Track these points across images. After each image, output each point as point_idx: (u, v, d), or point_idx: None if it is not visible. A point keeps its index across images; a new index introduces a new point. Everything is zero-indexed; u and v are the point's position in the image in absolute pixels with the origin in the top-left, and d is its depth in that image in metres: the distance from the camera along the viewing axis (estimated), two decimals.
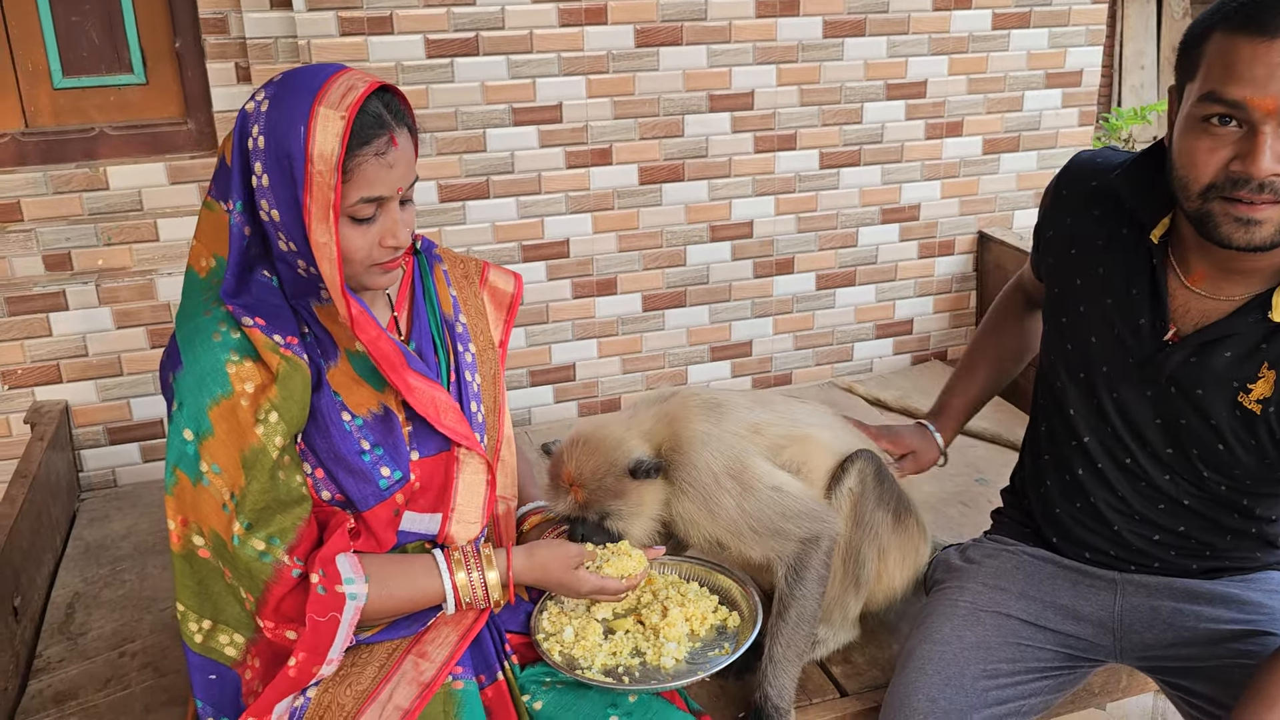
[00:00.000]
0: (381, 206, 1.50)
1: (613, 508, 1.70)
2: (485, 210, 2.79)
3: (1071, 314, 1.74)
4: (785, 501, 1.75)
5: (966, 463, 2.71)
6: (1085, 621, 1.79)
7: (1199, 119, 1.45)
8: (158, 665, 2.00)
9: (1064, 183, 1.80)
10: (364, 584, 1.53)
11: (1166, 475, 1.69)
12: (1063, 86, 3.19)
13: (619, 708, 1.61)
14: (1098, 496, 1.76)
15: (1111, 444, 1.72)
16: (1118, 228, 1.69)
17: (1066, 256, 1.76)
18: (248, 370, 1.49)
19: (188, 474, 1.48)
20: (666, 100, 2.84)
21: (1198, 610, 1.73)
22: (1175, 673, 1.74)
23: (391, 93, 1.51)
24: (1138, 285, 1.65)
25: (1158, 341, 1.63)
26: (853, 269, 3.18)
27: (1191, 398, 1.62)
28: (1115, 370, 1.69)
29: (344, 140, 1.41)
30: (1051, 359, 1.80)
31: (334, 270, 1.45)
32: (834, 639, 1.97)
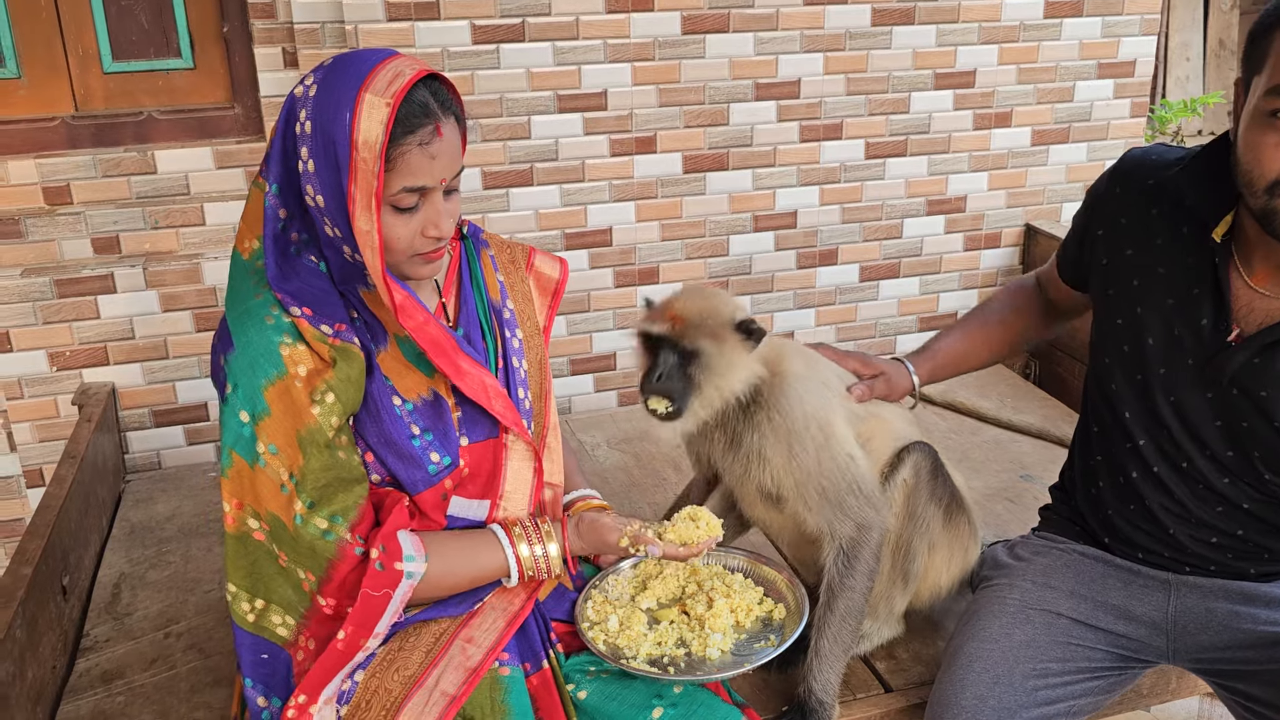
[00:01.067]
0: (425, 196, 1.49)
1: (705, 348, 1.66)
2: (529, 197, 2.78)
3: (1128, 315, 1.70)
4: (856, 474, 1.73)
5: (1011, 458, 2.68)
6: (1137, 622, 1.76)
7: (1266, 113, 1.41)
8: (202, 646, 2.01)
9: (1117, 181, 1.76)
10: (423, 562, 1.53)
11: (1225, 479, 1.65)
12: (1115, 77, 3.14)
13: (664, 698, 1.60)
14: (1152, 500, 1.72)
15: (1168, 447, 1.68)
16: (1178, 226, 1.65)
17: (1121, 257, 1.71)
18: (301, 353, 1.49)
19: (244, 456, 1.48)
20: (712, 88, 2.82)
21: (1254, 613, 1.69)
22: (1230, 675, 1.70)
23: (440, 81, 1.50)
24: (1199, 285, 1.61)
25: (1220, 342, 1.59)
26: (897, 261, 3.14)
27: (1255, 399, 1.58)
28: (1173, 373, 1.65)
29: (388, 128, 1.40)
30: (1106, 361, 1.76)
31: (376, 258, 1.44)
32: (878, 634, 1.95)
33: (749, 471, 1.75)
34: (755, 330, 1.69)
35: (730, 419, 1.75)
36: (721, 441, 1.78)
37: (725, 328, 1.68)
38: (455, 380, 1.58)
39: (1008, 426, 2.80)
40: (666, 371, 1.67)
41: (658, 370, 1.67)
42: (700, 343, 1.66)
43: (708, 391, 1.67)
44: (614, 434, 2.85)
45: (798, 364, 1.76)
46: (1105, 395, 1.76)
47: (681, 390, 1.67)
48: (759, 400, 1.72)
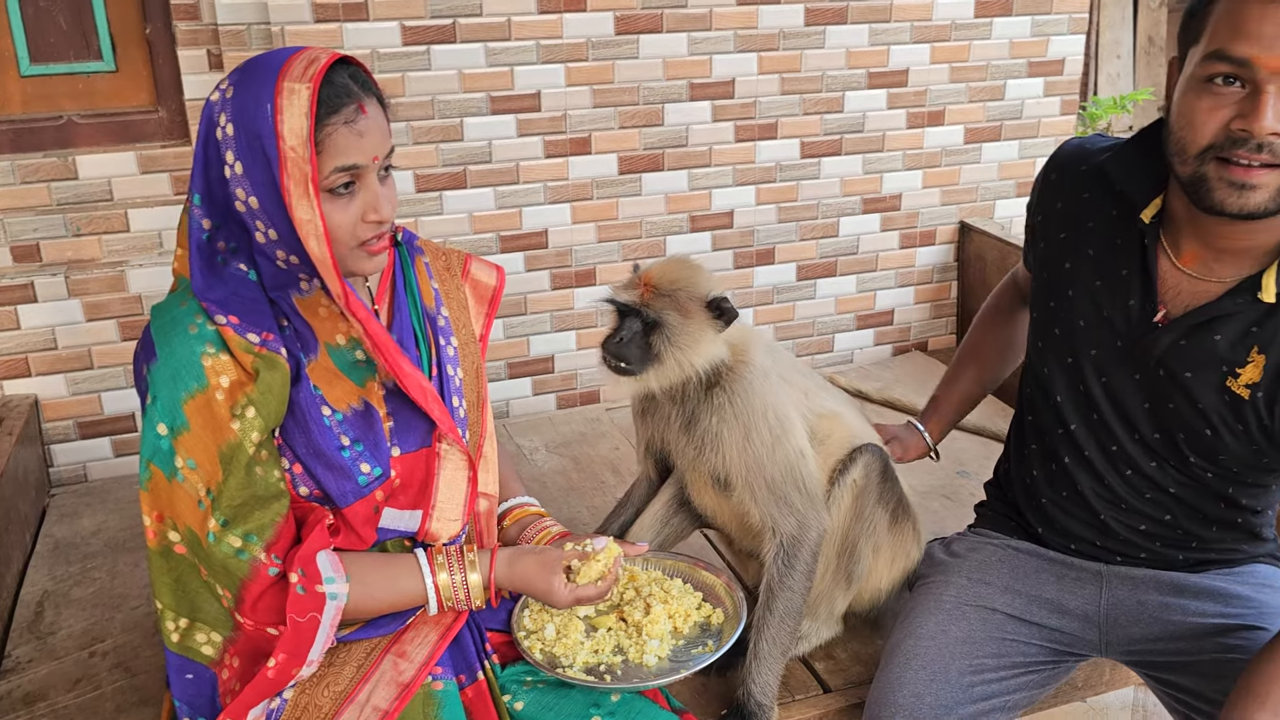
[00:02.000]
0: (359, 178, 1.46)
1: (670, 320, 1.66)
2: (463, 200, 2.75)
3: (1060, 298, 1.73)
4: (804, 471, 1.74)
5: (949, 456, 2.69)
6: (1070, 615, 1.78)
7: (1202, 79, 1.44)
8: (129, 665, 1.96)
9: (1053, 168, 1.79)
10: (345, 583, 1.50)
11: (1153, 462, 1.68)
12: (1045, 75, 3.18)
13: (601, 707, 1.59)
14: (1084, 485, 1.75)
15: (1099, 430, 1.71)
16: (1108, 210, 1.68)
17: (1056, 240, 1.74)
18: (224, 364, 1.45)
19: (162, 469, 1.44)
20: (646, 89, 2.81)
21: (1183, 604, 1.72)
22: (1160, 667, 1.73)
23: (355, 65, 1.48)
24: (1128, 266, 1.64)
25: (1147, 324, 1.62)
26: (833, 259, 3.16)
27: (1180, 381, 1.60)
28: (1104, 354, 1.67)
29: (312, 110, 1.39)
30: (1039, 345, 1.78)
31: (323, 246, 1.42)
32: (818, 634, 1.96)
33: (702, 454, 1.75)
34: (727, 310, 1.69)
35: (689, 398, 1.75)
36: (678, 421, 1.78)
37: (695, 303, 1.68)
38: (399, 379, 1.55)
39: None
40: (628, 337, 1.67)
41: (619, 334, 1.67)
42: (665, 314, 1.66)
43: (667, 362, 1.68)
44: (553, 438, 2.83)
45: (763, 356, 1.77)
46: (1039, 380, 1.79)
47: (639, 357, 1.68)
48: (720, 383, 1.72)
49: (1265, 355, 1.54)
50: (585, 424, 2.90)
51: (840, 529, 1.82)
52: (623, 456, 2.71)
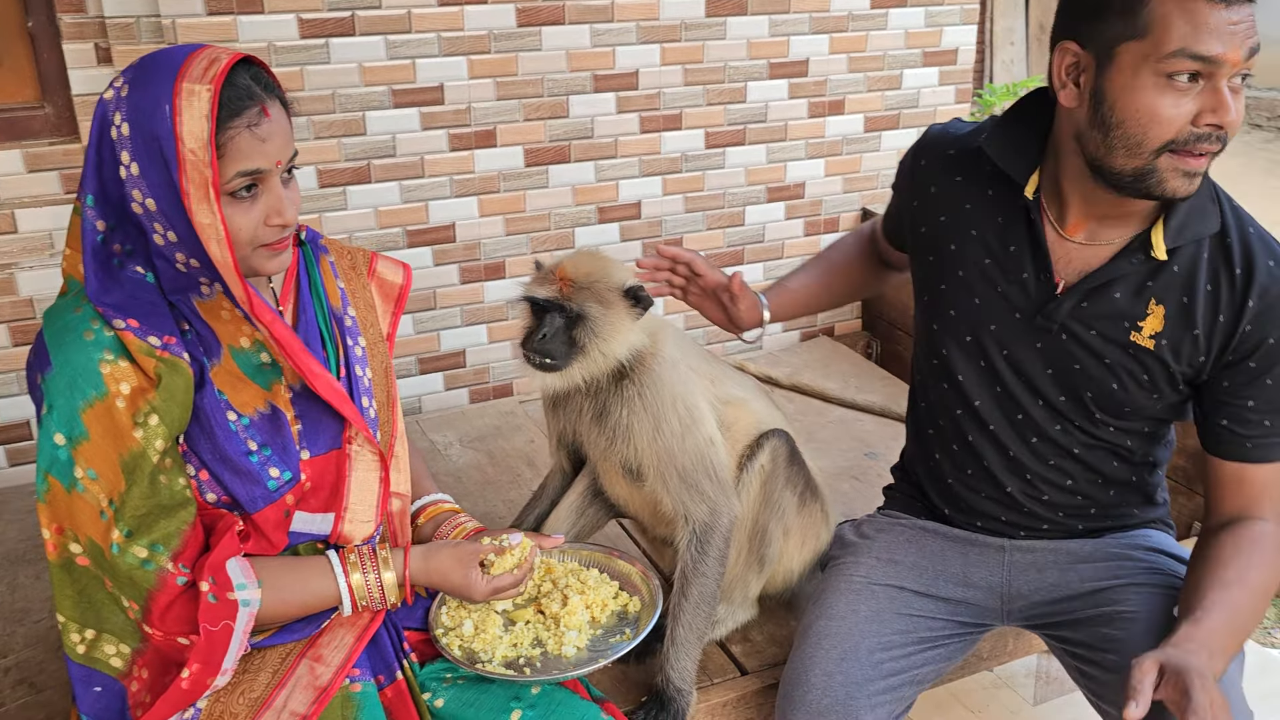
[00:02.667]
0: (262, 182, 1.44)
1: (592, 312, 1.68)
2: (367, 195, 2.72)
3: (950, 279, 1.78)
4: (713, 459, 1.77)
5: (855, 437, 2.77)
6: (975, 587, 1.85)
7: (1164, 75, 1.44)
8: (33, 681, 1.90)
9: (920, 154, 1.84)
10: (256, 589, 1.48)
11: (1058, 425, 1.75)
12: (939, 65, 3.27)
13: (522, 700, 1.60)
14: (990, 459, 1.81)
15: (1004, 401, 1.77)
16: (984, 189, 1.73)
17: (936, 223, 1.79)
18: (123, 370, 1.42)
19: (60, 480, 1.40)
20: (550, 81, 2.81)
21: (1079, 570, 1.81)
22: (1056, 625, 1.82)
23: (257, 65, 1.45)
24: (1015, 242, 1.69)
25: (1047, 293, 1.68)
26: (741, 248, 3.20)
27: (1085, 341, 1.67)
28: (1003, 328, 1.73)
29: (213, 113, 1.36)
30: (934, 328, 1.82)
31: (224, 250, 1.39)
32: (733, 618, 2.00)
33: (613, 445, 1.77)
34: (644, 298, 1.72)
35: (600, 391, 1.77)
36: (589, 413, 1.80)
37: (614, 293, 1.71)
38: (309, 380, 1.53)
39: (852, 406, 2.90)
40: (551, 333, 1.68)
41: (542, 330, 1.68)
42: (587, 306, 1.68)
43: (592, 354, 1.70)
44: (466, 432, 2.82)
45: (671, 346, 1.80)
46: (939, 362, 1.83)
47: (564, 352, 1.69)
48: (630, 375, 1.75)
49: (1163, 305, 1.62)
50: (499, 417, 2.90)
51: (750, 514, 1.86)
52: (538, 449, 2.72)
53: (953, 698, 2.61)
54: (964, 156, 1.77)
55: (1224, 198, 1.63)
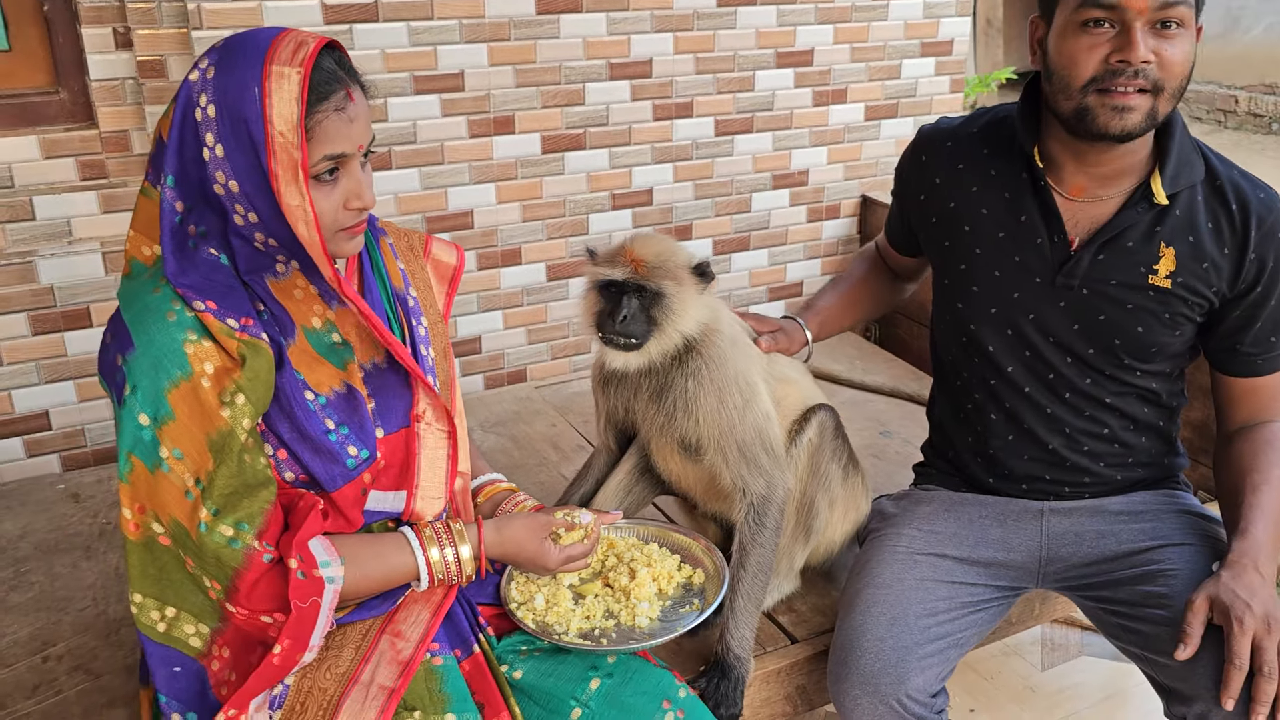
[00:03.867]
0: (344, 165, 1.46)
1: (668, 289, 1.73)
2: (388, 181, 2.72)
3: (969, 259, 1.89)
4: (771, 434, 1.83)
5: (869, 417, 2.84)
6: (1014, 551, 1.93)
7: (1078, 23, 1.65)
8: (89, 667, 1.90)
9: (921, 151, 1.99)
10: (340, 566, 1.50)
11: (1088, 379, 1.86)
12: (935, 55, 3.35)
13: (599, 669, 1.64)
14: (1030, 421, 1.91)
15: (1035, 364, 1.88)
16: (986, 170, 1.88)
17: (947, 211, 1.92)
18: (207, 350, 1.43)
19: (144, 460, 1.41)
20: (568, 68, 2.83)
21: (1115, 530, 1.91)
22: (1091, 588, 1.91)
23: (339, 50, 1.47)
24: (1026, 211, 1.83)
25: (1064, 252, 1.81)
26: (747, 234, 3.26)
27: (1106, 292, 1.80)
28: (1026, 294, 1.85)
29: (303, 96, 1.37)
30: (959, 308, 1.93)
31: (312, 230, 1.41)
32: (779, 589, 2.05)
33: (673, 420, 1.82)
34: (708, 273, 1.78)
35: (661, 367, 1.81)
36: (648, 389, 1.84)
37: (683, 270, 1.76)
38: (397, 352, 1.56)
39: (861, 387, 2.97)
40: (631, 314, 1.73)
41: (622, 312, 1.73)
42: (664, 284, 1.73)
43: (668, 331, 1.75)
44: (486, 418, 2.84)
45: (730, 326, 1.85)
46: (968, 339, 1.93)
47: (644, 331, 1.74)
48: (694, 350, 1.79)
49: (1172, 246, 1.77)
50: (516, 403, 2.92)
51: (799, 486, 1.92)
52: (560, 433, 2.75)
53: (966, 665, 2.70)
54: (961, 144, 1.93)
55: (1205, 149, 1.81)
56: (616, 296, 1.74)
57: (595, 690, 1.60)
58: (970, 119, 1.96)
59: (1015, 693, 2.62)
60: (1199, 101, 9.32)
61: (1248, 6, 8.97)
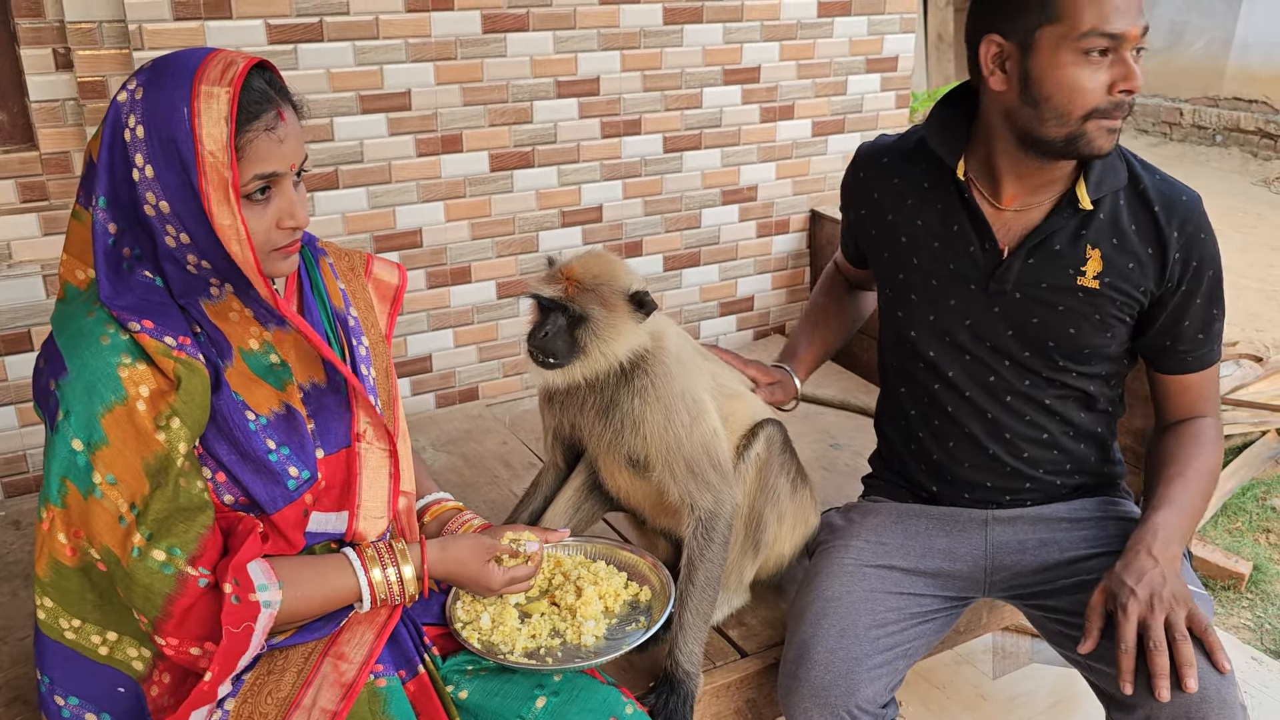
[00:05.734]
0: (275, 185, 1.46)
1: (595, 314, 1.73)
2: (335, 201, 2.71)
3: (907, 268, 1.95)
4: (718, 450, 1.83)
5: (819, 430, 2.86)
6: (960, 561, 1.96)
7: (1079, 53, 1.66)
8: (28, 699, 1.86)
9: (860, 168, 2.05)
10: (278, 590, 1.49)
11: (1026, 380, 1.90)
12: (880, 71, 3.40)
13: (545, 688, 1.64)
14: (971, 426, 1.94)
15: (973, 368, 1.92)
16: (920, 183, 1.93)
17: (885, 224, 1.97)
18: (142, 373, 1.42)
19: (78, 486, 1.40)
20: (515, 87, 2.84)
21: (1058, 539, 1.94)
22: (1037, 595, 1.94)
23: (270, 70, 1.47)
24: (957, 221, 1.87)
25: (995, 259, 1.85)
26: (697, 250, 3.28)
27: (1037, 296, 1.84)
28: (961, 301, 1.89)
29: (233, 116, 1.37)
30: (900, 316, 1.97)
31: (246, 249, 1.41)
32: (729, 603, 2.06)
33: (620, 437, 1.82)
34: (648, 303, 1.77)
35: (607, 385, 1.81)
36: (593, 407, 1.84)
37: (618, 296, 1.75)
38: (340, 368, 1.57)
39: (812, 400, 2.99)
40: (553, 331, 1.74)
41: (545, 328, 1.74)
42: (590, 308, 1.73)
43: (592, 354, 1.75)
44: (437, 436, 2.83)
45: (676, 343, 1.86)
46: (909, 346, 1.97)
47: (565, 350, 1.75)
48: (640, 368, 1.80)
49: (1098, 248, 1.82)
50: (468, 420, 2.91)
51: (747, 501, 1.93)
52: (512, 450, 2.75)
53: (918, 676, 2.72)
54: (896, 160, 1.98)
55: (1129, 155, 1.86)
56: (548, 312, 1.75)
57: (541, 709, 1.60)
58: (905, 135, 2.01)
59: (967, 701, 2.65)
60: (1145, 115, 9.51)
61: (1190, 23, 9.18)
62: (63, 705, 1.50)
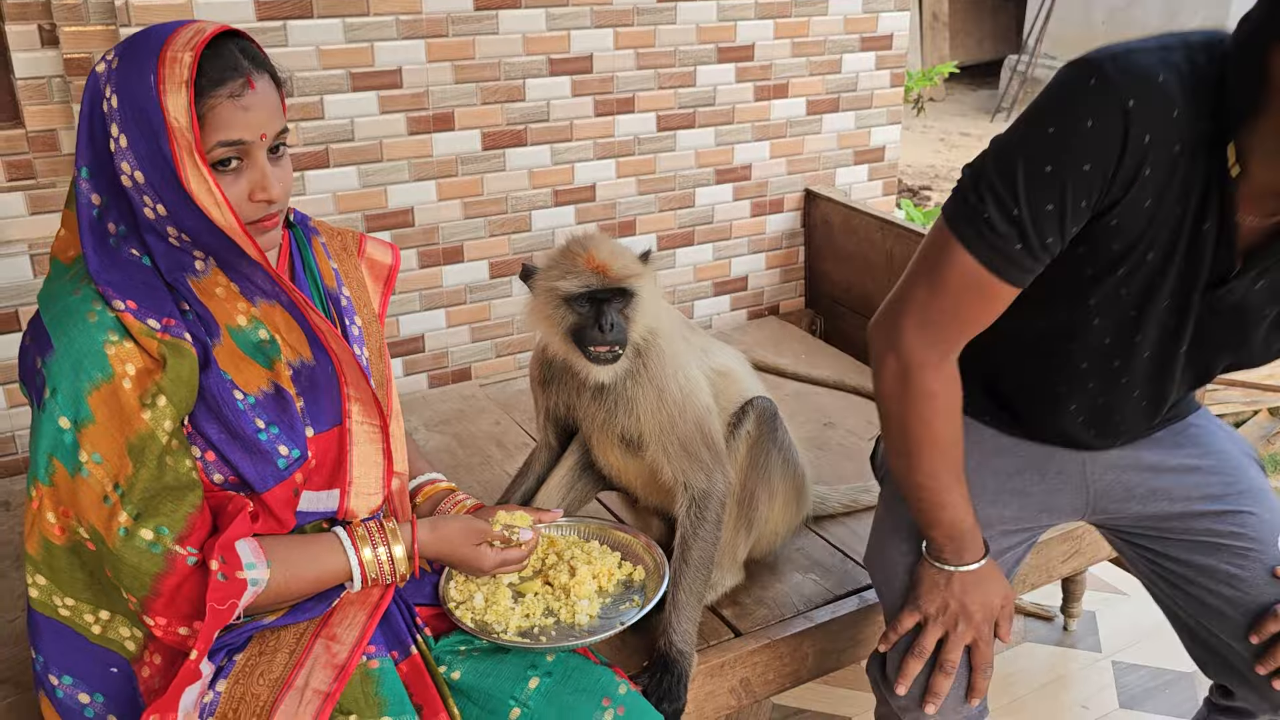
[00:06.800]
0: (246, 155, 1.44)
1: (640, 288, 1.73)
2: (326, 180, 2.69)
3: (1134, 262, 1.54)
4: (710, 427, 1.82)
5: (813, 409, 2.86)
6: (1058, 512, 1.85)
7: None
8: (17, 680, 1.86)
9: (1141, 122, 1.41)
10: (265, 569, 1.48)
11: (1197, 373, 1.72)
12: (875, 49, 3.37)
13: (539, 668, 1.63)
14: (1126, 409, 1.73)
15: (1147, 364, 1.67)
16: (1190, 155, 1.46)
17: (1141, 209, 1.48)
18: (128, 351, 1.41)
19: (65, 464, 1.40)
20: (507, 64, 2.82)
21: (1166, 486, 1.80)
22: (1145, 538, 1.83)
23: (245, 39, 1.45)
24: (1209, 219, 1.50)
25: (1226, 270, 1.55)
26: (691, 229, 3.26)
27: (1256, 314, 1.61)
28: (1174, 303, 1.58)
29: (192, 78, 1.36)
30: (1090, 304, 1.60)
31: (225, 213, 1.40)
32: (723, 583, 2.05)
33: (614, 417, 1.82)
34: (650, 256, 1.78)
35: None
36: (587, 387, 1.82)
37: (638, 263, 1.75)
38: (332, 340, 1.56)
39: (807, 380, 2.99)
40: (616, 319, 1.72)
41: (607, 320, 1.71)
42: (632, 282, 1.72)
43: (640, 328, 1.75)
44: (430, 417, 2.82)
45: (668, 318, 1.85)
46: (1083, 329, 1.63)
47: (625, 336, 1.74)
48: (640, 351, 1.79)
49: None
50: (461, 401, 2.90)
51: (739, 479, 1.93)
52: (505, 430, 2.74)
53: None
54: (1183, 116, 1.42)
55: None
56: (593, 307, 1.73)
57: (534, 689, 1.60)
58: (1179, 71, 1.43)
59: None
60: None
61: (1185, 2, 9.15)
62: (57, 685, 1.49)
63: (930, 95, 9.39)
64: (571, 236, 1.80)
